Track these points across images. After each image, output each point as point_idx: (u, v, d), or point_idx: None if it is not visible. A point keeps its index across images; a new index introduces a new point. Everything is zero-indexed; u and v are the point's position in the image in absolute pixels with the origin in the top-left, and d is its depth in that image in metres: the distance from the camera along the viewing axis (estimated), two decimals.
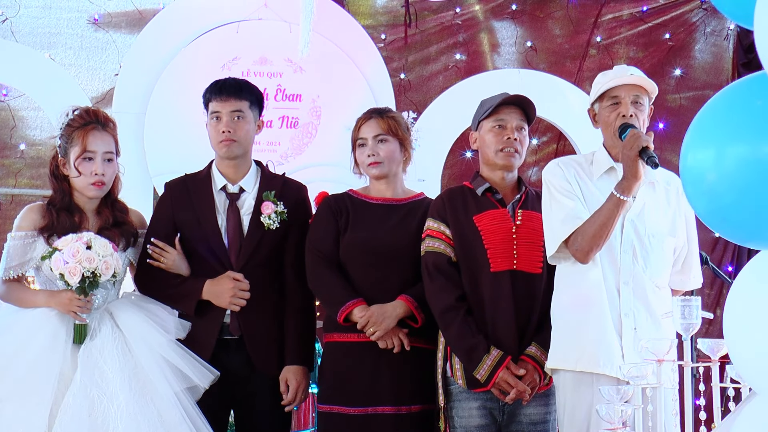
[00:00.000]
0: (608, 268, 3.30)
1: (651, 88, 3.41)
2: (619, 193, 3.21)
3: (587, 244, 3.25)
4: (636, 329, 3.24)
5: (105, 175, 3.60)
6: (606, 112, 3.41)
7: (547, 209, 3.39)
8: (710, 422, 2.66)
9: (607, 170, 3.39)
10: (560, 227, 3.31)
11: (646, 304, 3.29)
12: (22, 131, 6.45)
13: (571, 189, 3.36)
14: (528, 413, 3.51)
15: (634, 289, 3.29)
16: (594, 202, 3.31)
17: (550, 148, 6.77)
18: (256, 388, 3.68)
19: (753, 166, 1.94)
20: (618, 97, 3.38)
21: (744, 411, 2.18)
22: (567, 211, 3.31)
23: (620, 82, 3.38)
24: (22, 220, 3.59)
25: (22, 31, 6.36)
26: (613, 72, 3.44)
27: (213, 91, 3.78)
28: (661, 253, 3.35)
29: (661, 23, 6.81)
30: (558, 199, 3.35)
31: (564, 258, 3.36)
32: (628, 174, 3.21)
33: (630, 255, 3.30)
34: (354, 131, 3.79)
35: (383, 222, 3.69)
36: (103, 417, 3.27)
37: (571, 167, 3.42)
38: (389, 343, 3.58)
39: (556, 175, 3.40)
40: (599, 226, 3.23)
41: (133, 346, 3.45)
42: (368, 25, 6.59)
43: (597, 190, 3.36)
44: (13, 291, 3.56)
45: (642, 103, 3.39)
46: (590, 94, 3.50)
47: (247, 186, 3.79)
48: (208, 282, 3.65)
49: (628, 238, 3.31)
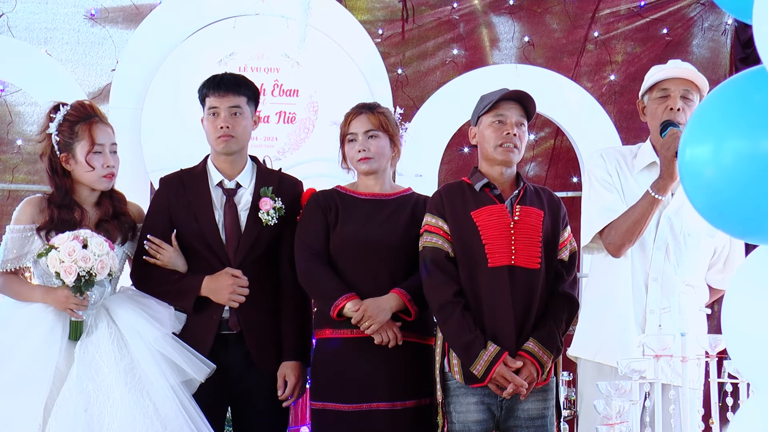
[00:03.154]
0: (638, 263, 3.29)
1: (702, 83, 3.36)
2: (655, 192, 3.19)
3: (620, 238, 3.24)
4: (661, 326, 3.22)
5: (114, 167, 3.62)
6: (654, 104, 3.37)
7: (586, 198, 3.41)
8: (708, 417, 2.67)
9: (648, 165, 3.36)
10: (595, 218, 3.32)
11: (674, 302, 3.27)
12: (19, 127, 6.44)
13: (610, 181, 3.35)
14: (526, 408, 3.51)
15: (663, 287, 3.26)
16: (632, 195, 3.30)
17: (548, 143, 6.76)
18: (254, 383, 3.68)
19: (751, 161, 1.94)
20: (668, 90, 3.34)
21: (743, 406, 2.18)
22: (604, 203, 3.31)
23: (671, 75, 3.34)
24: (20, 213, 3.60)
25: (18, 26, 6.34)
26: (666, 64, 3.42)
27: (210, 87, 3.77)
28: (696, 253, 3.31)
29: (659, 18, 6.80)
30: (597, 189, 3.35)
31: (597, 249, 3.36)
32: (665, 174, 3.18)
33: (662, 252, 3.28)
34: (343, 126, 3.79)
35: (373, 217, 3.69)
36: (99, 411, 3.28)
37: (614, 158, 3.40)
38: (384, 337, 3.57)
39: (597, 166, 3.40)
40: (633, 222, 3.22)
41: (128, 340, 3.46)
42: (365, 20, 6.57)
43: (636, 183, 3.34)
44: (11, 284, 3.57)
45: (692, 99, 3.35)
46: (642, 86, 3.46)
47: (244, 182, 3.78)
48: (206, 278, 3.64)
49: (663, 236, 3.29)
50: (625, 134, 6.13)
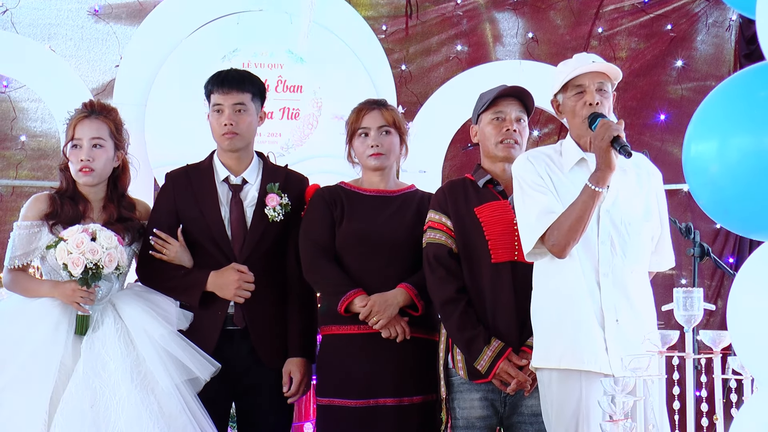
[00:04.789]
0: (586, 261, 3.22)
1: (615, 73, 3.33)
2: (594, 185, 3.12)
3: (564, 238, 3.16)
4: (618, 321, 3.20)
5: (93, 161, 3.62)
6: (571, 101, 3.32)
7: (520, 205, 3.30)
8: (712, 414, 2.66)
9: (578, 161, 3.31)
10: (535, 223, 3.22)
11: (626, 294, 3.22)
12: (23, 123, 6.45)
13: (542, 183, 3.27)
14: (530, 405, 3.51)
15: (614, 281, 3.21)
16: (567, 194, 3.23)
17: (551, 139, 6.75)
18: (259, 379, 3.68)
19: (756, 157, 1.94)
20: (582, 86, 3.28)
21: (747, 402, 2.18)
22: (541, 206, 3.23)
23: (584, 70, 3.29)
24: (28, 210, 3.62)
25: (22, 23, 6.35)
26: (574, 60, 3.35)
27: (215, 83, 3.77)
28: (638, 240, 3.27)
29: (663, 14, 6.79)
30: (530, 194, 3.26)
31: (541, 254, 3.27)
32: (602, 165, 3.12)
33: (608, 246, 3.22)
34: (353, 121, 3.78)
35: (378, 213, 3.70)
36: (105, 408, 3.29)
37: (542, 160, 3.32)
38: (392, 332, 3.58)
39: (526, 170, 3.30)
40: (575, 219, 3.14)
41: (134, 337, 3.47)
42: (369, 16, 6.58)
43: (569, 182, 3.26)
44: (19, 280, 3.59)
45: (606, 90, 3.30)
46: (553, 85, 3.42)
47: (250, 178, 3.78)
48: (212, 274, 3.64)
49: (605, 229, 3.23)
50: (629, 130, 6.11)
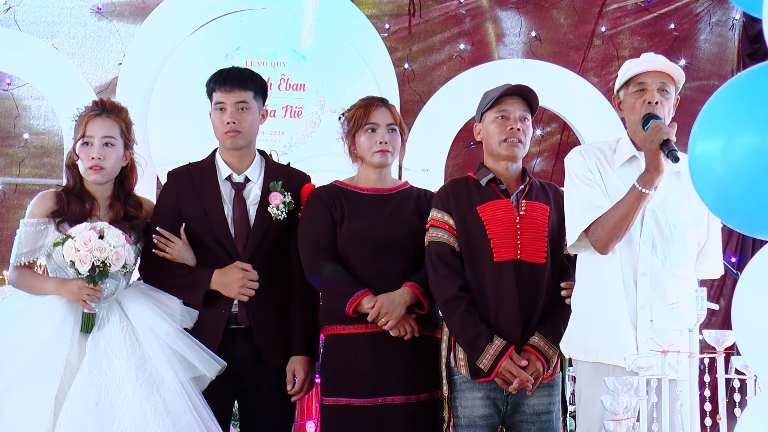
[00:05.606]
0: (626, 259, 3.25)
1: (678, 75, 3.34)
2: (641, 186, 3.15)
3: (607, 235, 3.20)
4: (652, 321, 3.20)
5: (103, 159, 3.61)
6: (631, 99, 3.33)
7: (568, 197, 3.35)
8: (715, 413, 2.66)
9: (629, 159, 3.33)
10: (580, 216, 3.26)
11: (663, 296, 3.24)
12: (26, 120, 6.45)
13: (592, 177, 3.31)
14: (532, 404, 3.51)
15: (651, 281, 3.23)
16: (614, 191, 3.26)
17: (554, 138, 6.76)
18: (262, 377, 3.67)
19: (761, 156, 1.93)
20: (644, 84, 3.30)
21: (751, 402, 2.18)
22: (587, 200, 3.27)
23: (647, 68, 3.30)
24: (34, 207, 3.62)
25: (25, 20, 6.36)
26: (640, 58, 3.40)
27: (217, 81, 3.76)
28: (682, 244, 3.28)
29: (666, 13, 6.79)
30: (579, 187, 3.31)
31: (584, 247, 3.31)
32: (650, 167, 3.15)
33: (649, 246, 3.25)
34: (359, 116, 3.75)
35: (379, 212, 3.70)
36: (110, 406, 3.28)
37: (593, 155, 3.36)
38: (401, 331, 3.58)
39: (577, 163, 3.35)
40: (620, 218, 3.18)
41: (140, 335, 3.46)
42: (372, 14, 6.58)
43: (618, 179, 3.30)
44: (25, 277, 3.59)
45: (668, 91, 3.32)
46: (616, 81, 3.43)
47: (253, 176, 3.78)
48: (216, 272, 3.64)
49: (648, 230, 3.25)
50: None
